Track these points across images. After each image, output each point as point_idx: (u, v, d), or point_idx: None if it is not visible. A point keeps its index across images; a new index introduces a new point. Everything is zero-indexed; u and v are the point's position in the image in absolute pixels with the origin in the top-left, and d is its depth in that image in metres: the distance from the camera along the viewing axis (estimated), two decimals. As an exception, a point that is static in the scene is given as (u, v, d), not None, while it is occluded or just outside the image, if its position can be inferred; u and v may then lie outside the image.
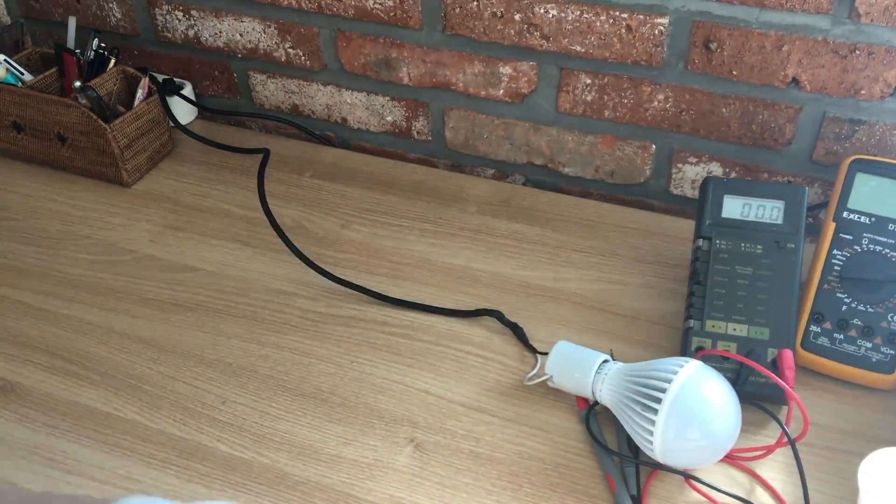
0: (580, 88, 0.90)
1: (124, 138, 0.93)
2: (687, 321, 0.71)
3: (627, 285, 0.82)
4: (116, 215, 0.93)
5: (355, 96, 1.02)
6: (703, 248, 0.73)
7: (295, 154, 1.02)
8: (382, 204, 0.94)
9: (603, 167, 0.95)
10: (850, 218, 0.73)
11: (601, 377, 0.66)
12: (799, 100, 0.82)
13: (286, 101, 1.06)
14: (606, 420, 0.69)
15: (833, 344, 0.70)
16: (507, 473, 0.65)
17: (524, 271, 0.84)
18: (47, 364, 0.76)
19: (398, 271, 0.85)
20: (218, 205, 0.94)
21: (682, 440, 0.60)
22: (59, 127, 0.94)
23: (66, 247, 0.89)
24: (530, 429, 0.69)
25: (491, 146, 0.99)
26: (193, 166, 1.00)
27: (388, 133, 1.04)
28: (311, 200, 0.95)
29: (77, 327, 0.79)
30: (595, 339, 0.77)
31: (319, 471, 0.66)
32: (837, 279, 0.72)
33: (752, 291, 0.70)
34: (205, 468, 0.66)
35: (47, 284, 0.84)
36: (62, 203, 0.95)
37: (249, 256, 0.87)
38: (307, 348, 0.76)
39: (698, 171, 0.91)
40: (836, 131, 0.82)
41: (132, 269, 0.86)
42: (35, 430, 0.70)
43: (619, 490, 0.63)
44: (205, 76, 1.08)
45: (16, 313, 0.81)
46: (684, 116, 0.88)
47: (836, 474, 0.64)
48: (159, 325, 0.79)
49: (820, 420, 0.69)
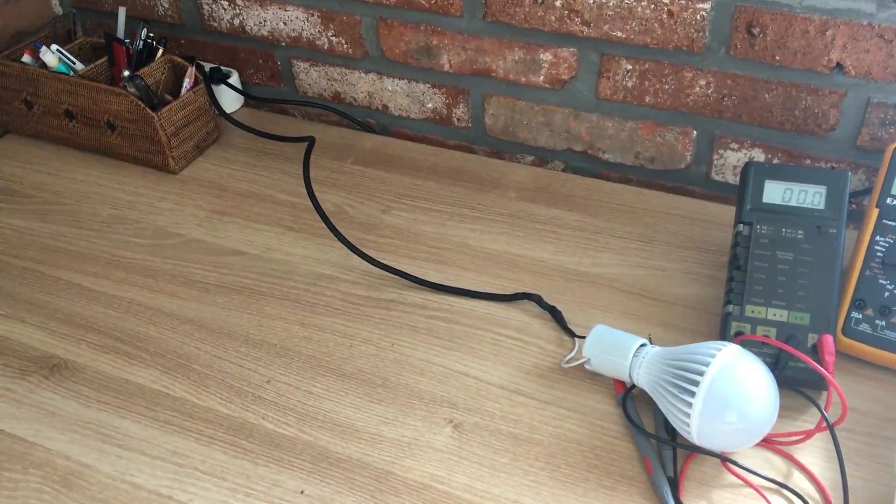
0: (620, 74, 0.90)
1: (171, 126, 0.96)
2: (726, 306, 0.71)
3: (667, 271, 0.82)
4: (164, 200, 0.96)
5: (396, 84, 1.03)
6: (743, 234, 0.73)
7: (336, 141, 1.03)
8: (422, 190, 0.95)
9: (643, 153, 0.95)
10: (893, 204, 0.72)
11: (638, 361, 0.66)
12: (843, 85, 0.81)
13: (328, 89, 1.08)
14: (644, 403, 0.69)
15: (874, 330, 0.70)
16: (544, 455, 0.66)
17: (563, 256, 0.85)
18: (99, 343, 0.78)
19: (438, 256, 0.86)
20: (262, 190, 0.96)
21: (719, 423, 0.60)
22: (109, 115, 0.97)
23: (117, 230, 0.92)
24: (568, 411, 0.70)
25: (531, 133, 1.00)
26: (239, 153, 1.02)
27: (429, 120, 1.05)
28: (353, 186, 0.96)
29: (127, 308, 0.82)
30: (633, 324, 0.77)
31: (361, 449, 0.68)
32: (880, 265, 0.71)
33: (792, 277, 0.70)
34: (250, 444, 0.68)
35: (99, 267, 0.87)
36: (112, 188, 0.98)
37: (293, 241, 0.89)
38: (349, 330, 0.78)
39: (740, 157, 0.91)
40: (880, 117, 0.81)
41: (180, 252, 0.88)
42: (88, 406, 0.72)
43: (657, 472, 0.63)
44: (249, 65, 1.10)
45: (69, 294, 0.84)
46: (726, 102, 0.87)
47: (874, 460, 0.64)
48: (206, 306, 0.82)
49: (860, 406, 0.68)
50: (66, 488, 0.66)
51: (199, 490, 0.65)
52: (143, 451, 0.68)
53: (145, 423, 0.71)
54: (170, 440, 0.69)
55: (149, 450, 0.68)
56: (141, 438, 0.69)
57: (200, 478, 0.66)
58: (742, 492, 0.63)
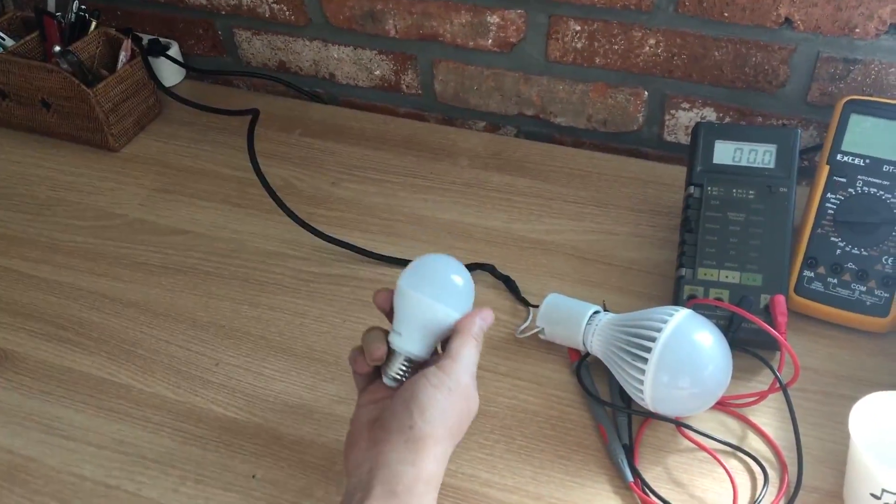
0: (570, 35, 0.88)
1: (108, 102, 0.92)
2: (679, 270, 0.71)
3: (620, 235, 0.82)
4: (105, 180, 0.92)
5: (342, 51, 1.00)
6: (694, 196, 0.72)
7: (283, 112, 1.01)
8: (372, 160, 0.93)
9: (595, 116, 0.94)
10: (844, 160, 0.71)
11: (592, 328, 0.66)
12: (792, 40, 0.80)
13: (273, 59, 1.04)
14: (598, 371, 0.68)
15: (827, 288, 0.70)
16: (499, 427, 0.66)
17: (516, 224, 0.83)
18: (40, 331, 0.76)
19: (390, 228, 0.84)
20: (207, 166, 0.93)
21: (673, 388, 0.60)
22: (43, 93, 0.93)
23: (56, 213, 0.88)
24: (523, 382, 0.69)
25: (481, 98, 0.98)
26: (181, 128, 0.99)
27: (377, 88, 1.02)
28: (301, 159, 0.94)
29: (69, 293, 0.79)
30: (588, 291, 0.76)
31: (313, 429, 0.66)
32: (831, 223, 0.71)
33: (744, 238, 0.69)
34: (199, 430, 0.67)
35: (38, 251, 0.84)
36: (50, 169, 0.94)
37: (240, 217, 0.86)
38: (299, 308, 0.76)
39: (691, 117, 0.90)
40: (830, 72, 0.81)
41: (122, 233, 0.85)
42: (30, 397, 0.70)
43: (612, 440, 0.63)
44: (189, 35, 1.06)
45: (7, 281, 0.81)
46: (676, 61, 0.86)
47: (829, 418, 0.64)
48: (151, 288, 0.79)
49: (813, 365, 0.68)
50: (9, 483, 0.64)
51: (147, 479, 0.63)
52: (89, 441, 0.66)
53: (90, 412, 0.69)
54: (116, 429, 0.67)
55: (94, 439, 0.66)
56: (86, 428, 0.67)
57: (149, 466, 0.64)
58: (697, 456, 0.63)
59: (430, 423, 0.52)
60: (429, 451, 0.52)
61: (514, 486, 0.62)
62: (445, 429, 0.53)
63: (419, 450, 0.51)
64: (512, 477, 0.62)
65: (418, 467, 0.51)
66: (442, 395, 0.53)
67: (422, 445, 0.52)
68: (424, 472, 0.51)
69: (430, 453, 0.52)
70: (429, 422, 0.52)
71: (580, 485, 0.61)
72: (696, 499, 0.60)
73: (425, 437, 0.52)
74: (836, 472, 0.61)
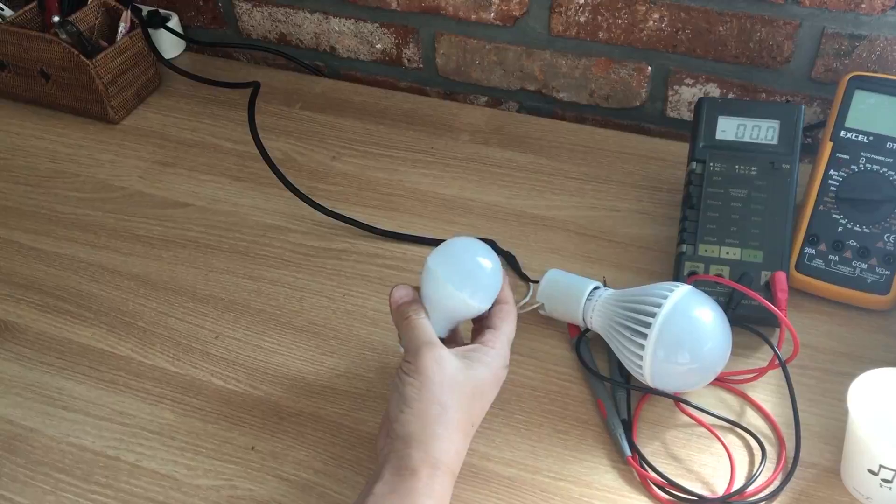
0: (573, 9, 0.87)
1: (108, 74, 0.92)
2: (679, 246, 0.70)
3: (622, 211, 0.81)
4: (105, 152, 0.92)
5: (343, 23, 0.99)
6: (696, 172, 0.71)
7: (284, 85, 1.00)
8: (373, 134, 0.92)
9: (598, 91, 0.93)
10: (847, 137, 0.71)
11: (592, 304, 0.66)
12: (797, 15, 0.79)
13: (273, 31, 1.04)
14: (598, 347, 0.68)
15: (828, 265, 0.70)
16: (498, 401, 0.65)
17: (517, 200, 0.83)
18: (41, 303, 0.76)
19: (390, 203, 0.84)
20: (207, 139, 0.93)
21: (672, 364, 0.60)
22: (42, 63, 0.92)
23: (56, 185, 0.88)
24: (522, 357, 0.69)
25: (483, 72, 0.97)
26: (181, 100, 0.99)
27: (379, 61, 1.01)
28: (301, 132, 0.93)
29: (69, 265, 0.79)
30: (588, 267, 0.76)
31: (313, 402, 0.66)
32: (834, 200, 0.70)
33: (745, 214, 0.69)
34: (198, 402, 0.67)
35: (38, 223, 0.84)
36: (50, 141, 0.94)
37: (240, 191, 0.86)
38: (299, 282, 0.76)
39: (695, 93, 0.89)
40: (835, 47, 0.80)
41: (122, 206, 0.85)
42: (30, 368, 0.70)
43: (610, 415, 0.63)
44: (189, 6, 1.05)
45: (7, 252, 0.81)
46: (680, 36, 0.85)
47: (827, 395, 0.64)
48: (151, 261, 0.79)
49: (813, 342, 0.68)
50: (9, 453, 0.64)
51: (146, 450, 0.64)
52: (89, 412, 0.67)
53: (90, 383, 0.69)
54: (116, 400, 0.67)
55: (94, 410, 0.67)
56: (86, 399, 0.67)
57: (148, 437, 0.64)
58: (695, 431, 0.63)
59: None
60: (436, 434, 0.53)
61: (513, 460, 0.62)
62: (455, 411, 0.54)
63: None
64: (510, 451, 0.62)
65: (425, 449, 0.52)
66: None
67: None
68: (431, 455, 0.52)
69: (438, 435, 0.53)
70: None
71: (578, 459, 0.62)
72: (693, 473, 0.60)
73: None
74: (833, 449, 0.61)
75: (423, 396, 0.54)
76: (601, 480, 0.60)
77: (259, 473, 0.62)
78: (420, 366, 0.54)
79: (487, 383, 0.57)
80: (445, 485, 0.53)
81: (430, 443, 0.53)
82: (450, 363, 0.55)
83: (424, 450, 0.52)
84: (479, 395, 0.57)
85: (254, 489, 0.61)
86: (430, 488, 0.51)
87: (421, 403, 0.53)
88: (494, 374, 0.57)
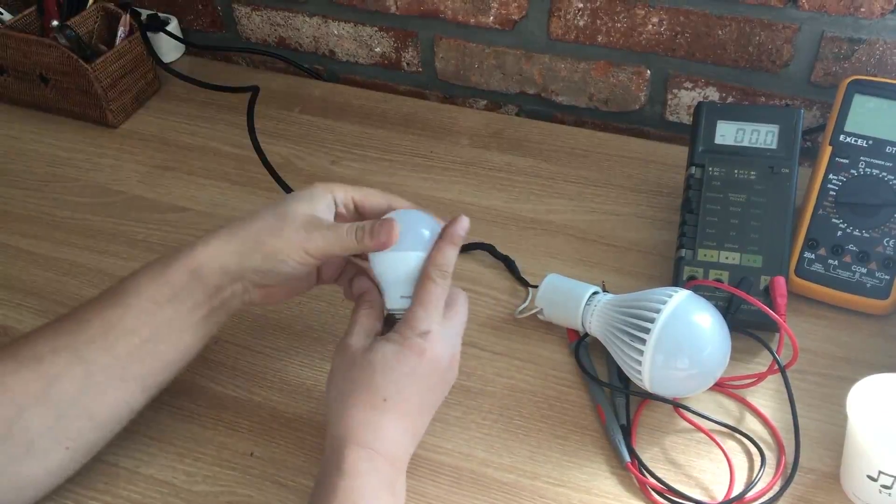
0: (572, 13, 0.87)
1: (107, 78, 0.91)
2: (678, 251, 0.70)
3: (621, 216, 0.81)
4: (104, 156, 0.92)
5: (342, 27, 0.99)
6: (695, 176, 0.71)
7: (283, 89, 1.00)
8: (373, 138, 0.92)
9: (597, 95, 0.93)
10: (846, 141, 0.71)
11: (591, 309, 0.65)
12: (797, 19, 0.79)
13: (272, 34, 1.04)
14: (597, 352, 0.68)
15: (827, 270, 0.70)
16: (497, 406, 0.66)
17: (516, 203, 0.83)
18: (39, 308, 0.76)
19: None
20: (206, 143, 0.93)
21: (671, 369, 0.60)
22: (41, 68, 0.92)
23: (55, 189, 0.88)
24: (521, 362, 0.69)
25: (482, 76, 0.97)
26: (181, 105, 0.99)
27: (378, 65, 1.01)
28: (300, 136, 0.93)
29: (68, 270, 0.79)
30: (587, 271, 0.76)
31: (312, 407, 0.66)
32: (833, 204, 0.70)
33: (745, 219, 0.69)
34: (197, 407, 0.67)
35: (37, 228, 0.84)
36: (49, 145, 0.94)
37: (239, 195, 0.86)
38: (298, 286, 0.76)
39: (694, 97, 0.89)
40: (834, 51, 0.80)
41: (122, 210, 0.85)
42: (29, 374, 0.70)
43: (609, 420, 0.63)
44: (188, 10, 1.05)
45: (6, 257, 0.80)
46: (679, 40, 0.85)
47: (826, 400, 0.64)
48: (150, 266, 0.79)
49: (813, 347, 0.68)
50: (8, 459, 0.64)
51: (145, 456, 0.63)
52: (88, 418, 0.66)
53: (89, 389, 0.69)
54: (115, 406, 0.67)
55: (93, 416, 0.66)
56: (85, 405, 0.67)
57: (147, 443, 0.64)
58: (694, 437, 0.63)
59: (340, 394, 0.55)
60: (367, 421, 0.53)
61: (511, 466, 0.62)
62: (372, 394, 0.54)
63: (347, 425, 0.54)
64: (509, 456, 0.62)
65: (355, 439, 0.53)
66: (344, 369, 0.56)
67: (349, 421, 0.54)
68: (360, 444, 0.53)
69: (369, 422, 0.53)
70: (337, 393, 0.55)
71: (577, 465, 0.62)
72: (692, 479, 0.60)
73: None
74: (833, 454, 0.61)
75: (355, 386, 0.54)
76: (600, 486, 0.60)
77: (258, 479, 0.62)
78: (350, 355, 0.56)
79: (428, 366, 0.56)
80: (383, 472, 0.53)
81: (359, 431, 0.53)
82: (383, 350, 0.55)
83: (355, 440, 0.53)
84: (419, 378, 0.55)
85: (253, 495, 0.61)
86: (360, 478, 0.52)
87: (355, 394, 0.54)
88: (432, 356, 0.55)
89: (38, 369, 0.55)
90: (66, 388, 0.55)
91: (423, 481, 0.61)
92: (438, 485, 0.61)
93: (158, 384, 0.59)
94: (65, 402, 0.55)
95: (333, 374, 0.57)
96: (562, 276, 0.70)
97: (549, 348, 0.70)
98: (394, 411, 0.54)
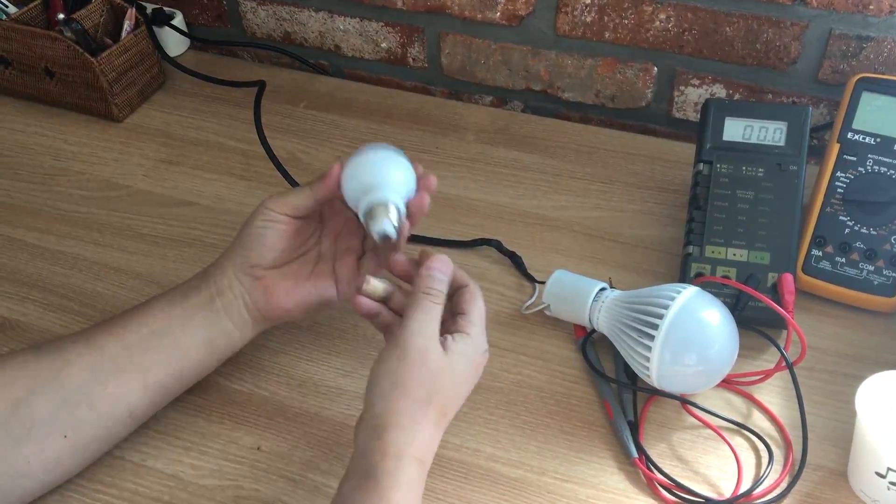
0: (579, 9, 0.87)
1: (112, 72, 0.91)
2: (686, 247, 0.70)
3: (627, 212, 0.81)
4: (109, 150, 0.92)
5: (348, 22, 0.99)
6: (703, 173, 0.71)
7: (289, 84, 1.00)
8: (378, 134, 0.92)
9: (603, 91, 0.93)
10: (854, 139, 0.71)
11: (598, 305, 0.65)
12: (805, 16, 0.79)
13: (278, 29, 1.03)
14: (604, 348, 0.68)
15: (834, 267, 0.69)
16: (504, 402, 0.66)
17: (522, 200, 0.83)
18: (45, 301, 0.75)
19: (395, 202, 0.83)
20: (211, 138, 0.93)
21: (679, 366, 0.60)
22: (46, 61, 0.92)
23: (60, 183, 0.88)
24: (528, 358, 0.69)
25: (488, 72, 0.97)
26: (186, 99, 0.98)
27: (383, 61, 1.01)
28: (306, 132, 0.93)
29: (73, 264, 0.79)
30: (594, 268, 0.76)
31: (319, 402, 0.66)
32: (840, 202, 0.70)
33: (752, 216, 0.69)
34: (204, 401, 0.66)
35: (42, 221, 0.83)
36: (54, 139, 0.94)
37: (244, 190, 0.86)
38: (304, 281, 0.76)
39: (701, 94, 0.89)
40: (842, 49, 0.80)
41: (127, 204, 0.85)
42: (35, 367, 0.70)
43: (617, 416, 0.63)
44: (194, 4, 1.05)
45: (11, 250, 0.80)
46: (686, 37, 0.85)
47: (834, 397, 0.64)
48: (155, 260, 0.79)
49: (820, 344, 0.68)
50: (14, 452, 0.64)
51: (151, 450, 0.63)
52: (94, 412, 0.66)
53: (95, 382, 0.68)
54: (121, 399, 0.67)
55: (99, 410, 0.66)
56: (91, 398, 0.67)
57: (153, 437, 0.64)
58: (702, 433, 0.63)
59: (379, 399, 0.53)
60: (401, 424, 0.52)
61: (519, 461, 0.62)
62: (405, 399, 0.53)
63: (378, 426, 0.52)
64: (517, 452, 0.62)
65: (384, 441, 0.52)
66: (388, 367, 0.54)
67: (381, 421, 0.52)
68: (392, 447, 0.51)
69: (403, 425, 0.52)
70: (378, 397, 0.53)
71: (584, 460, 0.61)
72: (700, 475, 0.60)
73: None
74: (840, 451, 0.61)
75: (397, 386, 0.53)
76: (607, 482, 0.60)
77: (265, 473, 0.62)
78: (404, 355, 0.54)
79: (465, 373, 0.56)
80: (412, 474, 0.52)
81: (396, 433, 0.52)
82: (433, 354, 0.54)
83: (390, 440, 0.52)
84: (455, 386, 0.55)
85: (260, 489, 0.61)
86: (396, 479, 0.51)
87: (395, 393, 0.53)
88: (473, 362, 0.56)
89: (55, 355, 0.58)
90: (75, 373, 0.58)
91: (432, 476, 0.60)
92: (447, 480, 0.61)
93: (160, 383, 0.60)
94: (72, 389, 0.57)
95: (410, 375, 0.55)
96: (569, 272, 0.70)
97: (556, 344, 0.70)
98: (442, 427, 0.55)
